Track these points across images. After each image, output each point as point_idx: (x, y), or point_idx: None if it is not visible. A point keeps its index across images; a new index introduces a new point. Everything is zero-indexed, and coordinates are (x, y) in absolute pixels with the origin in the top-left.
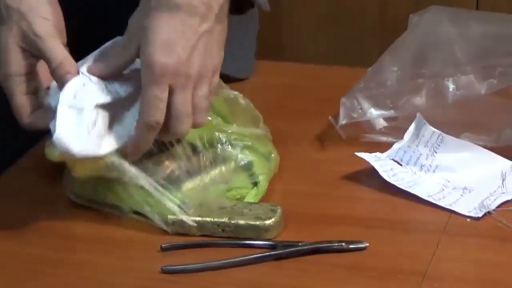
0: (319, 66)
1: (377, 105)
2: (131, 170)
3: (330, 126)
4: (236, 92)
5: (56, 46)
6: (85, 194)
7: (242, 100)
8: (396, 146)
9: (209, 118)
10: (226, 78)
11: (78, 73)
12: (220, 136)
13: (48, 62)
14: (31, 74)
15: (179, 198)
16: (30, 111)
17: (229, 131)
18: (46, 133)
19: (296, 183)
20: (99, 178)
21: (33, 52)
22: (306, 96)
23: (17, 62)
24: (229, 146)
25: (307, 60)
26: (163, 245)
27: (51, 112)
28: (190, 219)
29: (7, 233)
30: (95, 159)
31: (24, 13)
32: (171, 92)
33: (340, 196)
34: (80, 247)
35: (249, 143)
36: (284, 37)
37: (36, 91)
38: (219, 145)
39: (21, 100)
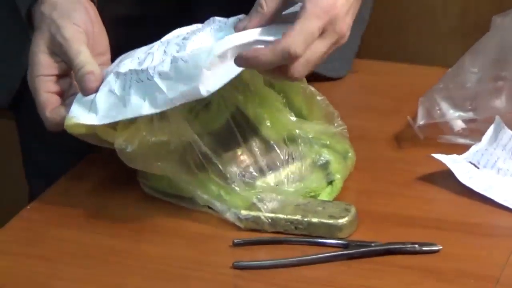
0: (397, 64)
1: (456, 107)
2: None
3: (407, 125)
4: (313, 88)
5: (82, 51)
6: (158, 186)
7: (318, 97)
8: (473, 148)
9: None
10: (316, 76)
11: (102, 78)
12: (299, 133)
13: (71, 64)
14: (59, 77)
15: (253, 193)
16: (52, 108)
17: (308, 129)
18: None
19: (370, 182)
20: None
21: (60, 55)
22: (383, 94)
23: (43, 64)
24: (307, 143)
25: (386, 58)
26: (235, 240)
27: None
28: (263, 215)
29: (79, 223)
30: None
31: (55, 19)
32: None
33: (415, 197)
34: (151, 239)
35: (327, 142)
36: (365, 34)
37: (62, 94)
38: (296, 142)
39: (43, 97)
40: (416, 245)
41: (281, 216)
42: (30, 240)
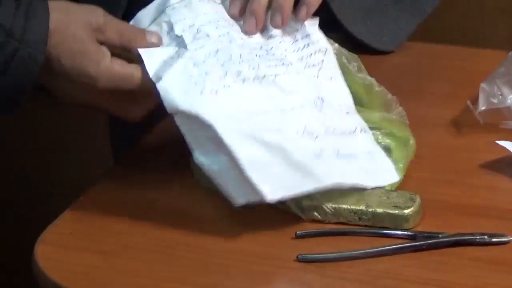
0: (452, 47)
1: None
2: None
3: (466, 110)
4: (371, 78)
5: None
6: None
7: (377, 88)
8: None
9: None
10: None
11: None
12: None
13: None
14: None
15: None
16: None
17: (368, 117)
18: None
19: (432, 171)
20: None
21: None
22: (439, 78)
23: None
24: (368, 132)
25: (434, 39)
26: (298, 232)
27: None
28: (326, 206)
29: (135, 215)
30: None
31: None
32: None
33: (479, 186)
34: (210, 231)
35: (387, 130)
36: None
37: None
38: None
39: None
40: (486, 236)
41: (344, 206)
42: (85, 233)
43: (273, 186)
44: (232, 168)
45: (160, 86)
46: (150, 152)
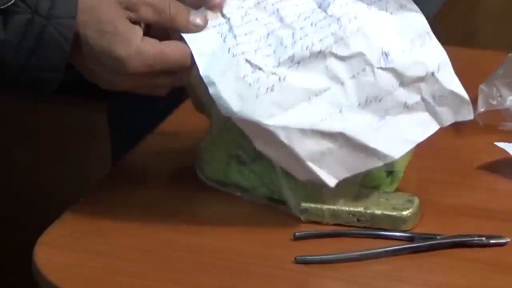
0: (451, 48)
1: None
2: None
3: None
4: None
5: None
6: (216, 176)
7: None
8: None
9: None
10: None
11: None
12: None
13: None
14: None
15: (312, 184)
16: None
17: None
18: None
19: (431, 172)
20: (232, 160)
21: None
22: None
23: None
24: None
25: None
26: (296, 233)
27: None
28: (325, 207)
29: (135, 216)
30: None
31: None
32: None
33: (477, 187)
34: (209, 231)
35: None
36: None
37: None
38: None
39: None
40: (483, 238)
41: (342, 208)
42: (85, 234)
43: (335, 170)
44: (292, 157)
45: (213, 92)
46: (150, 153)
